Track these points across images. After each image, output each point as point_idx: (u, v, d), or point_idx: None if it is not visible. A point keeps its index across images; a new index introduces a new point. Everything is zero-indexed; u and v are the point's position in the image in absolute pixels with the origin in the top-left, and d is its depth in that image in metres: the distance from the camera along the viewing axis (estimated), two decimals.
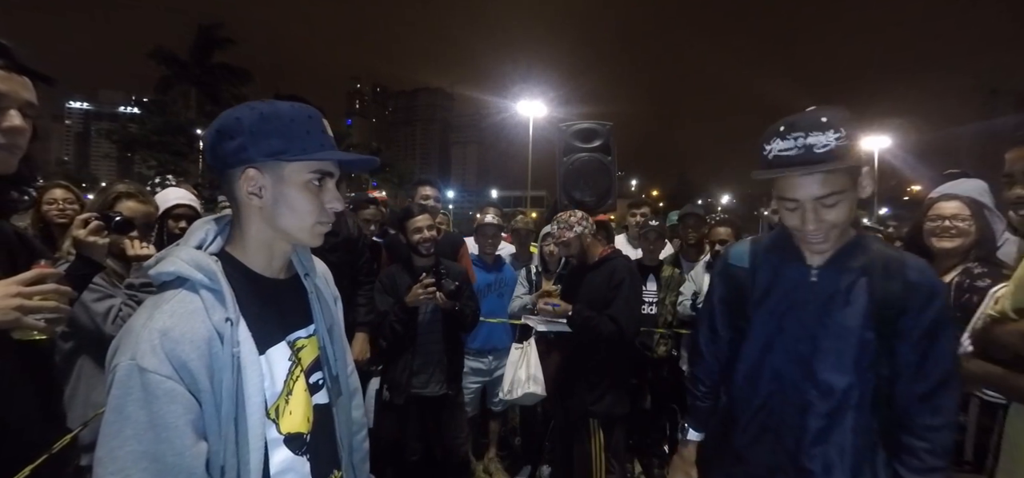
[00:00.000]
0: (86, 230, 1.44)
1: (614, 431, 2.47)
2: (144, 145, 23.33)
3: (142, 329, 0.75)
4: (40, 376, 1.17)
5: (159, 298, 0.80)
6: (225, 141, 0.84)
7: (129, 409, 0.72)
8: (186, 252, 0.83)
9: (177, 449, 0.73)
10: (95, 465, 0.72)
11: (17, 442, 1.09)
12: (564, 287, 2.72)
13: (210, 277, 0.81)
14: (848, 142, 1.03)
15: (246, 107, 0.87)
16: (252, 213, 0.87)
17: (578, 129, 3.35)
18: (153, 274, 0.82)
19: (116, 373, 0.74)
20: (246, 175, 0.85)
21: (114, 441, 0.71)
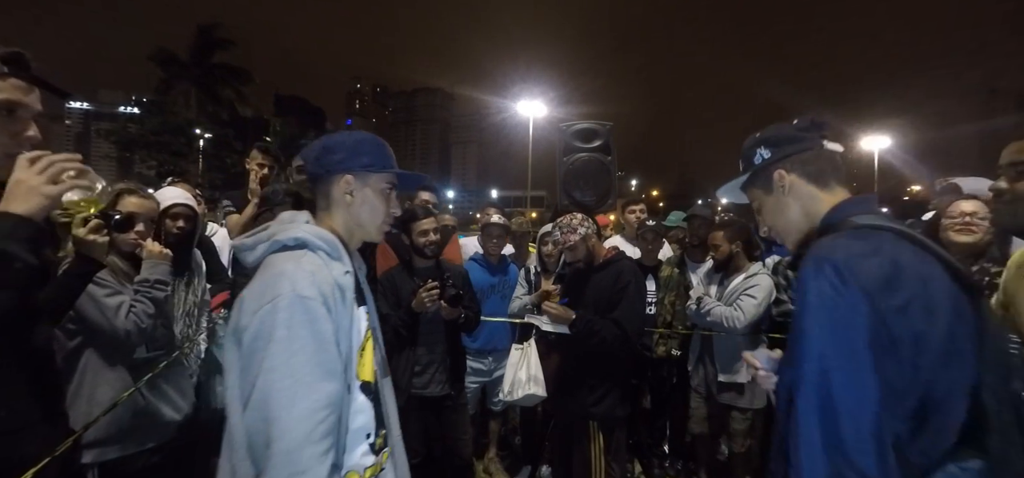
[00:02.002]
0: (86, 229, 1.44)
1: (614, 433, 2.47)
2: (144, 145, 23.31)
3: (296, 271, 0.98)
4: (41, 375, 1.17)
5: (291, 254, 1.04)
6: (331, 154, 1.15)
7: (296, 328, 0.94)
8: (303, 226, 1.09)
9: (331, 356, 0.98)
10: (267, 373, 0.91)
11: (18, 442, 1.09)
12: (568, 288, 2.71)
13: (329, 243, 1.08)
14: (743, 164, 1.23)
15: (345, 133, 1.20)
16: (341, 209, 1.16)
17: (578, 129, 3.35)
18: (283, 238, 1.05)
19: (279, 302, 0.94)
20: (344, 179, 1.15)
21: (286, 353, 0.92)
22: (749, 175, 1.20)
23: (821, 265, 0.91)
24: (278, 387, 0.90)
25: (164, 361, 1.93)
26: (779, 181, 1.15)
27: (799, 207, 1.13)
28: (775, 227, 1.20)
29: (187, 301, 2.28)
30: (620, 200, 4.27)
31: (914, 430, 0.86)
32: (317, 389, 0.92)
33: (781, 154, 1.15)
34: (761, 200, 1.21)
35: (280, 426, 0.88)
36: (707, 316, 2.90)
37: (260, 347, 0.93)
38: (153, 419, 1.85)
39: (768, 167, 1.16)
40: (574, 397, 2.47)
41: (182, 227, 2.24)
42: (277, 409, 0.89)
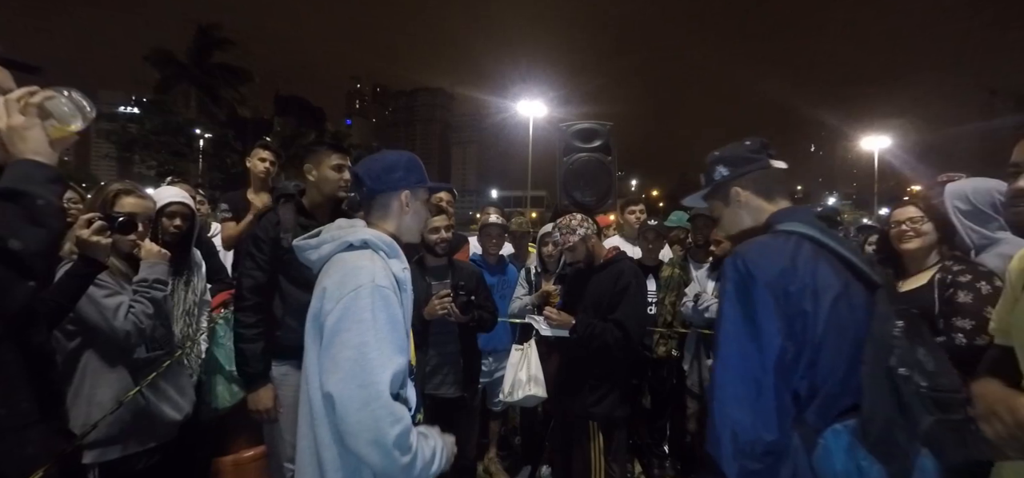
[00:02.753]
0: (90, 230, 1.44)
1: (614, 433, 2.46)
2: (144, 145, 23.32)
3: (371, 265, 1.20)
4: (41, 376, 1.17)
5: (360, 253, 1.24)
6: (392, 172, 1.36)
7: (378, 311, 1.14)
8: (365, 229, 1.29)
9: (402, 335, 1.19)
10: (360, 348, 1.10)
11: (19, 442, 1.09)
12: (569, 289, 2.71)
13: (388, 244, 1.28)
14: (705, 179, 1.45)
15: (395, 153, 1.41)
16: (396, 218, 1.37)
17: (578, 129, 3.35)
18: (350, 238, 1.25)
19: (362, 290, 1.14)
20: (404, 194, 1.37)
21: (373, 331, 1.12)
22: (711, 189, 1.43)
23: (735, 260, 1.18)
24: (371, 357, 1.10)
25: (165, 361, 1.93)
26: (735, 197, 1.38)
27: (750, 217, 1.37)
28: (730, 233, 1.43)
29: (187, 300, 2.28)
30: (620, 200, 4.27)
31: (810, 395, 1.10)
32: (396, 361, 1.13)
33: (738, 173, 1.37)
34: (720, 211, 1.43)
35: (375, 389, 1.08)
36: (705, 313, 2.91)
37: (348, 326, 1.12)
38: (154, 419, 1.85)
39: (727, 183, 1.39)
40: (574, 397, 2.47)
41: (179, 226, 2.24)
42: (371, 375, 1.09)
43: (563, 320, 2.42)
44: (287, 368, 2.09)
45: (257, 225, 2.11)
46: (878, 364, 1.06)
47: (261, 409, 2.04)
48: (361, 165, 1.39)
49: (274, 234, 2.09)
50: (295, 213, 2.17)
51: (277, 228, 2.10)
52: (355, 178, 1.39)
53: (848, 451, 1.04)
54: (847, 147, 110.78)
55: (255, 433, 2.40)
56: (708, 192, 1.45)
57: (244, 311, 2.04)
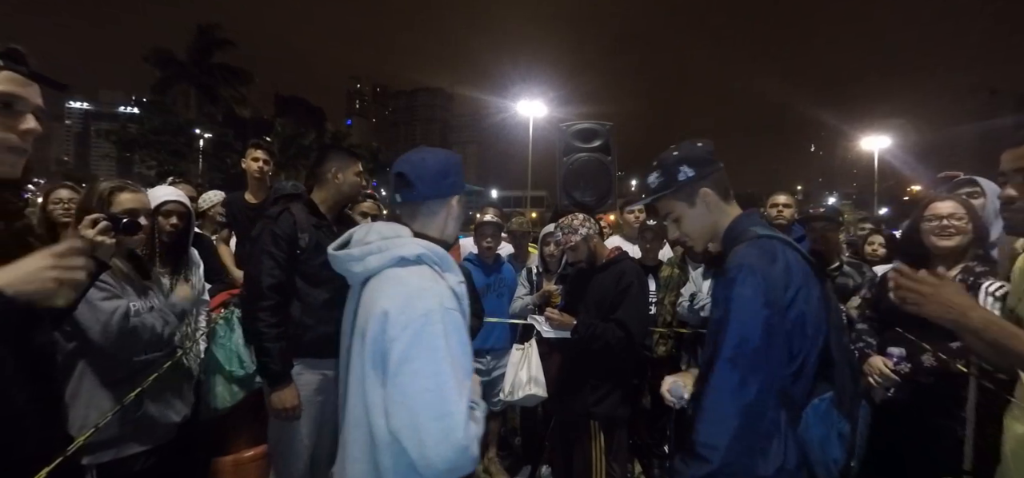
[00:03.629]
0: (95, 230, 1.44)
1: (615, 433, 2.46)
2: (144, 145, 23.33)
3: (435, 286, 1.11)
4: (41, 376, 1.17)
5: (417, 270, 1.14)
6: (446, 178, 1.28)
7: (450, 337, 1.07)
8: (415, 241, 1.19)
9: (470, 356, 1.14)
10: (435, 377, 1.02)
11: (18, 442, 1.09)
12: (571, 289, 2.71)
13: (441, 257, 1.18)
14: (665, 178, 1.42)
15: (445, 154, 1.33)
16: (442, 224, 1.30)
17: (578, 129, 3.35)
18: (403, 253, 1.14)
19: (433, 316, 1.06)
20: (455, 200, 1.30)
21: (448, 360, 1.04)
22: (674, 188, 1.40)
23: (750, 273, 1.21)
24: (448, 387, 1.03)
25: (164, 362, 1.93)
26: (703, 197, 1.39)
27: (712, 219, 1.40)
28: (690, 233, 1.45)
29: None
30: (619, 200, 4.27)
31: (795, 379, 1.21)
32: (466, 385, 1.08)
33: (703, 173, 1.38)
34: (680, 211, 1.43)
35: (453, 419, 1.02)
36: (701, 312, 2.91)
37: (420, 354, 1.04)
38: (152, 421, 1.84)
39: (692, 184, 1.39)
40: (575, 397, 2.47)
41: (175, 225, 2.24)
42: (448, 405, 1.02)
43: (564, 320, 2.42)
44: (301, 367, 2.10)
45: (274, 224, 2.11)
46: (841, 344, 1.27)
47: (288, 407, 2.05)
48: (408, 165, 1.27)
49: (291, 233, 2.11)
50: (307, 212, 2.19)
51: (294, 227, 2.11)
52: (402, 180, 1.26)
53: (825, 417, 1.21)
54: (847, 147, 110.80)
55: (255, 433, 2.40)
56: (671, 192, 1.42)
57: (266, 310, 2.04)
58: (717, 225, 1.41)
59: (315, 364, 2.15)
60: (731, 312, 1.21)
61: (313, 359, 2.14)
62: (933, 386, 1.81)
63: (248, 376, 2.37)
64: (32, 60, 1.05)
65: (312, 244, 2.13)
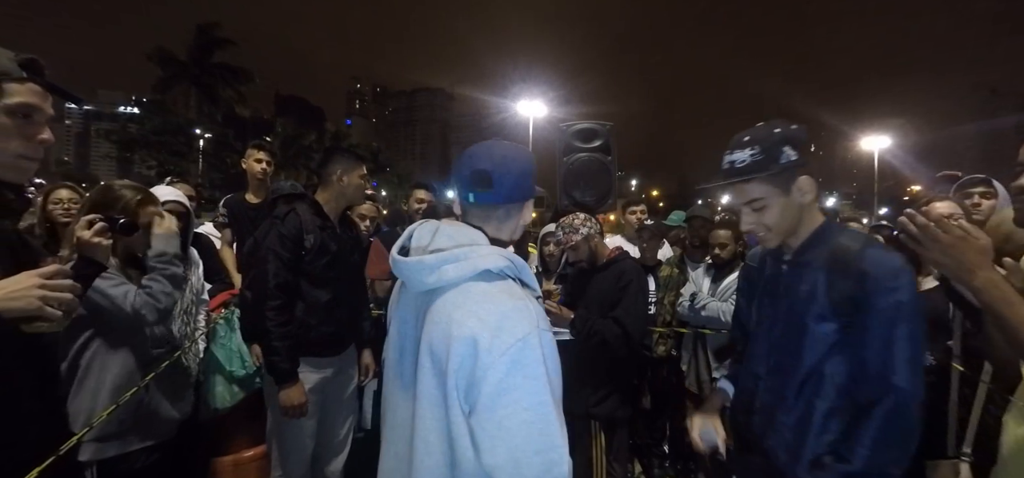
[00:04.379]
0: (91, 231, 1.44)
1: (616, 433, 2.46)
2: (144, 145, 23.35)
3: (527, 306, 0.98)
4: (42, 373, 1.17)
5: (504, 284, 1.01)
6: (527, 179, 1.12)
7: (549, 362, 0.96)
8: (499, 250, 1.05)
9: (560, 380, 1.01)
10: (537, 408, 0.92)
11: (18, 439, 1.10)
12: (571, 288, 2.70)
13: (521, 269, 1.06)
14: (763, 157, 1.21)
15: (524, 152, 1.15)
16: (511, 228, 1.14)
17: (578, 129, 3.35)
18: (489, 266, 1.01)
19: (530, 339, 0.94)
20: (528, 203, 1.15)
21: (545, 388, 0.93)
22: (775, 170, 1.20)
23: (904, 272, 1.13)
24: (550, 419, 0.93)
25: (165, 359, 1.93)
26: (804, 186, 1.21)
27: (800, 214, 1.24)
28: (774, 226, 1.25)
29: (184, 299, 2.28)
30: (620, 200, 4.27)
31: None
32: (562, 413, 0.98)
33: (806, 160, 1.20)
34: (772, 198, 1.23)
35: (557, 453, 0.93)
36: (702, 312, 2.91)
37: (519, 385, 0.92)
38: (153, 416, 1.84)
39: (794, 169, 1.20)
40: (576, 397, 2.46)
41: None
42: (551, 439, 0.93)
43: (562, 313, 2.43)
44: (302, 366, 2.11)
45: (281, 225, 2.13)
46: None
47: (295, 405, 2.06)
48: (491, 163, 1.08)
49: (297, 234, 2.12)
50: (312, 213, 2.19)
51: (300, 229, 2.13)
52: (483, 178, 1.08)
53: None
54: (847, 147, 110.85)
55: (255, 433, 2.40)
56: (768, 174, 1.22)
57: (274, 309, 2.05)
58: (803, 220, 1.26)
59: (316, 363, 2.16)
60: (900, 321, 1.11)
61: (314, 358, 2.15)
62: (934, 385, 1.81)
63: (248, 376, 2.37)
64: (49, 70, 1.09)
65: (317, 245, 2.15)
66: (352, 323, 2.34)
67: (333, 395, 2.27)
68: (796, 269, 1.29)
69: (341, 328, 2.25)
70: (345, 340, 2.31)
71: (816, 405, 1.20)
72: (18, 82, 1.03)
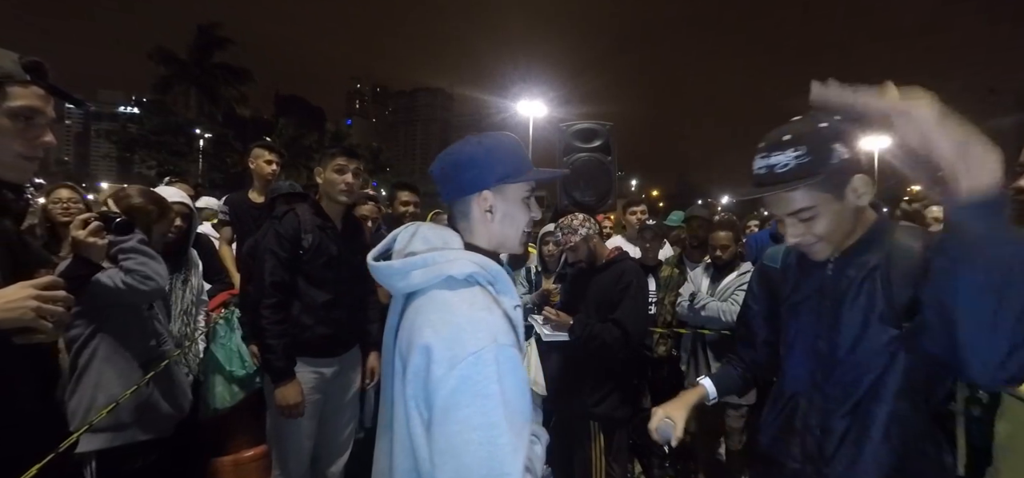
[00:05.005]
0: (86, 231, 1.44)
1: (615, 434, 2.46)
2: (144, 145, 23.34)
3: (489, 318, 0.92)
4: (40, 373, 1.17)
5: (468, 294, 0.95)
6: (463, 172, 1.04)
7: (506, 379, 0.88)
8: (466, 255, 0.98)
9: (528, 397, 0.94)
10: (488, 430, 0.85)
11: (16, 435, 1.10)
12: (570, 289, 2.70)
13: (496, 276, 0.99)
14: (811, 158, 1.03)
15: (474, 143, 1.06)
16: (483, 227, 1.06)
17: (578, 129, 3.35)
18: (453, 273, 0.96)
19: (484, 354, 0.87)
20: (482, 197, 1.04)
21: (502, 407, 0.86)
22: (825, 174, 1.02)
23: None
24: (502, 443, 0.86)
25: (164, 358, 1.93)
26: (859, 187, 1.05)
27: (855, 217, 1.09)
28: (831, 236, 1.09)
29: (184, 299, 2.28)
30: (621, 201, 4.27)
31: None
32: (523, 435, 0.91)
33: (858, 155, 1.04)
34: (823, 206, 1.06)
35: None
36: (702, 311, 2.92)
37: (469, 402, 0.87)
38: (153, 411, 1.84)
39: (846, 169, 1.03)
40: (575, 397, 2.47)
41: (179, 226, 2.25)
42: (502, 465, 0.86)
43: (561, 319, 2.42)
44: (299, 365, 2.12)
45: (279, 224, 2.15)
46: None
47: (290, 404, 2.06)
48: (437, 162, 1.09)
49: (295, 234, 2.13)
50: (313, 213, 2.20)
51: (298, 228, 2.13)
52: (435, 178, 1.10)
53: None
54: None
55: (255, 433, 2.40)
56: (820, 179, 1.03)
57: (270, 308, 2.06)
58: (853, 225, 1.10)
59: (312, 363, 2.16)
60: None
61: (310, 358, 2.15)
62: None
63: (248, 376, 2.37)
64: (52, 73, 1.09)
65: (314, 245, 2.15)
66: (353, 325, 2.33)
67: (334, 396, 2.27)
68: (844, 274, 1.13)
69: (340, 330, 2.24)
70: (345, 342, 2.30)
71: (874, 415, 1.09)
72: (21, 85, 1.04)
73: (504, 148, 1.07)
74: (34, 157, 1.09)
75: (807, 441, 1.18)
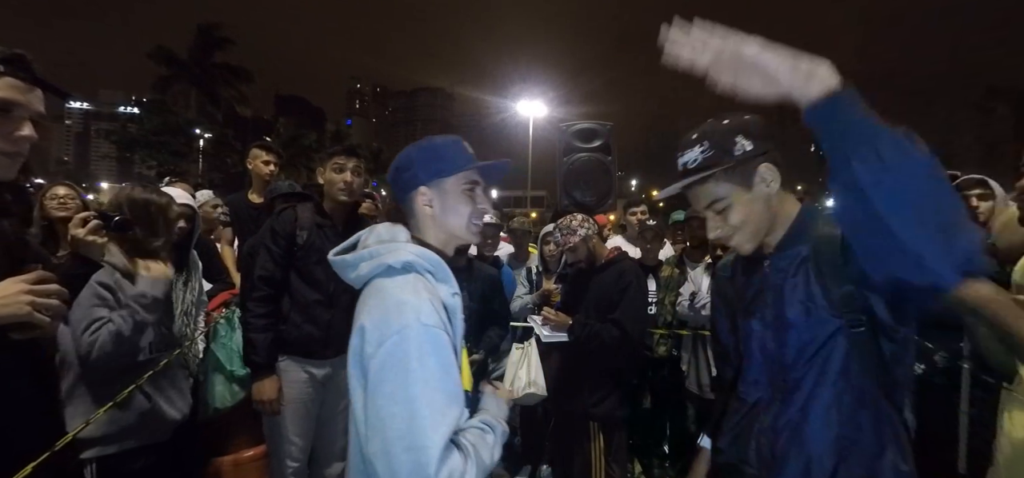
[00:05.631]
0: (85, 229, 1.43)
1: (615, 434, 2.46)
2: (144, 145, 23.32)
3: (417, 301, 0.98)
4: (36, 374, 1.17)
5: (403, 281, 1.03)
6: (403, 172, 1.15)
7: (426, 358, 0.94)
8: (407, 247, 1.08)
9: (455, 379, 0.99)
10: (407, 404, 0.91)
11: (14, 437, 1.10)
12: (570, 289, 2.70)
13: (434, 264, 1.07)
14: (714, 152, 1.10)
15: (411, 146, 1.18)
16: (428, 221, 1.15)
17: (578, 129, 3.35)
18: (391, 261, 1.04)
19: (408, 333, 0.95)
20: (420, 193, 1.13)
21: (421, 384, 0.93)
22: (729, 166, 1.09)
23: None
24: (421, 415, 0.91)
25: (164, 360, 1.93)
26: (766, 175, 1.10)
27: (771, 208, 1.12)
28: (745, 226, 1.13)
29: (185, 300, 2.28)
30: (622, 201, 4.27)
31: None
32: (448, 414, 0.95)
33: (763, 148, 1.10)
34: (733, 196, 1.11)
35: (426, 454, 0.90)
36: (702, 311, 2.92)
37: (393, 377, 0.94)
38: (153, 417, 1.83)
39: (751, 161, 1.09)
40: (575, 397, 2.46)
41: (183, 227, 2.25)
42: (421, 437, 0.91)
43: (560, 320, 2.42)
44: (288, 362, 2.11)
45: (275, 221, 2.16)
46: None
47: (265, 400, 2.06)
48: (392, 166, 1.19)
49: (290, 230, 2.13)
50: (313, 212, 2.19)
51: (294, 225, 2.13)
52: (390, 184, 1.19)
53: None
54: None
55: (255, 433, 2.40)
56: (725, 169, 1.09)
57: (255, 301, 2.07)
58: (773, 214, 1.13)
59: (301, 362, 2.16)
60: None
61: (300, 358, 2.15)
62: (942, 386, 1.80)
63: (248, 376, 2.37)
64: (37, 66, 1.05)
65: (309, 242, 2.15)
66: (348, 328, 2.31)
67: (329, 402, 2.25)
68: (778, 269, 1.14)
69: (330, 331, 2.17)
70: (337, 345, 2.18)
71: (819, 411, 1.08)
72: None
73: (438, 147, 1.16)
74: (12, 152, 1.03)
75: (761, 444, 1.16)
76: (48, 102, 1.10)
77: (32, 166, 1.23)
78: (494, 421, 1.10)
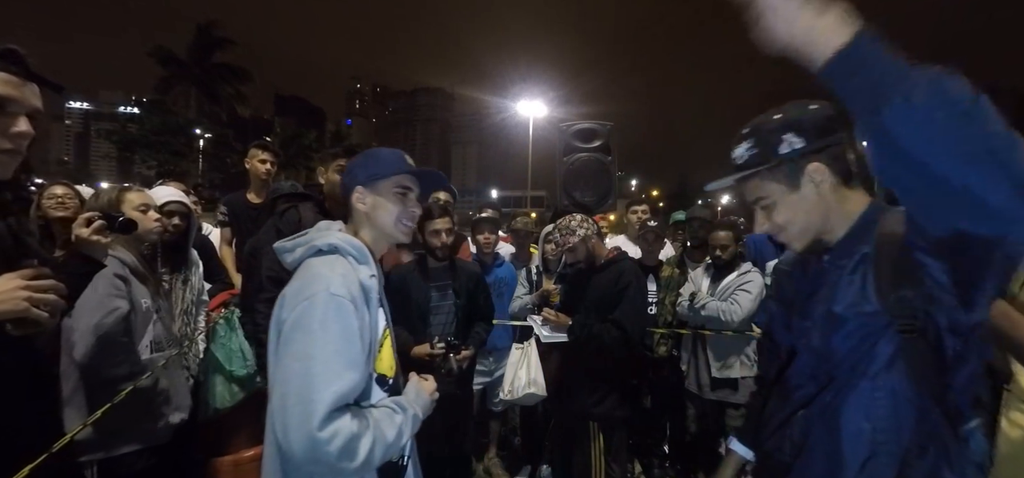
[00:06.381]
0: (89, 229, 1.43)
1: (614, 434, 2.46)
2: (144, 145, 23.31)
3: (329, 273, 1.10)
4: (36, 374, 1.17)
5: (325, 259, 1.16)
6: (347, 174, 1.32)
7: (329, 322, 1.05)
8: (336, 233, 1.22)
9: (356, 349, 1.08)
10: (304, 360, 1.01)
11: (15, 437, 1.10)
12: (569, 289, 2.70)
13: (357, 249, 1.20)
14: (758, 150, 1.08)
15: (360, 154, 1.37)
16: (362, 217, 1.29)
17: (578, 129, 3.35)
18: (319, 243, 1.19)
19: (315, 299, 1.06)
20: (356, 192, 1.28)
21: (320, 344, 1.03)
22: (772, 164, 1.05)
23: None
24: (315, 372, 1.01)
25: (163, 360, 1.93)
26: (815, 176, 1.04)
27: (824, 207, 1.07)
28: (791, 226, 1.09)
29: (185, 299, 2.28)
30: (623, 200, 4.27)
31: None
32: (344, 376, 1.03)
33: (816, 146, 1.04)
34: (778, 195, 1.08)
35: (313, 406, 0.98)
36: (702, 311, 2.92)
37: (297, 337, 1.04)
38: (153, 418, 1.84)
39: (799, 159, 1.04)
40: (574, 397, 2.46)
41: (177, 225, 2.25)
42: (311, 391, 1.00)
43: (560, 320, 2.42)
44: None
45: (279, 220, 2.17)
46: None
47: None
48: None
49: (295, 230, 2.12)
50: (315, 212, 2.20)
51: (298, 225, 2.14)
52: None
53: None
54: None
55: (255, 433, 2.40)
56: (768, 168, 1.06)
57: (264, 302, 2.07)
58: (830, 215, 1.08)
59: None
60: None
61: None
62: None
63: (248, 376, 2.37)
64: (32, 61, 1.03)
65: None
66: None
67: None
68: (836, 265, 1.10)
69: None
70: None
71: (851, 397, 1.04)
72: None
73: (377, 154, 1.32)
74: (10, 150, 1.02)
75: (795, 432, 1.15)
76: (47, 100, 1.09)
77: (33, 165, 1.21)
78: (407, 404, 1.19)
